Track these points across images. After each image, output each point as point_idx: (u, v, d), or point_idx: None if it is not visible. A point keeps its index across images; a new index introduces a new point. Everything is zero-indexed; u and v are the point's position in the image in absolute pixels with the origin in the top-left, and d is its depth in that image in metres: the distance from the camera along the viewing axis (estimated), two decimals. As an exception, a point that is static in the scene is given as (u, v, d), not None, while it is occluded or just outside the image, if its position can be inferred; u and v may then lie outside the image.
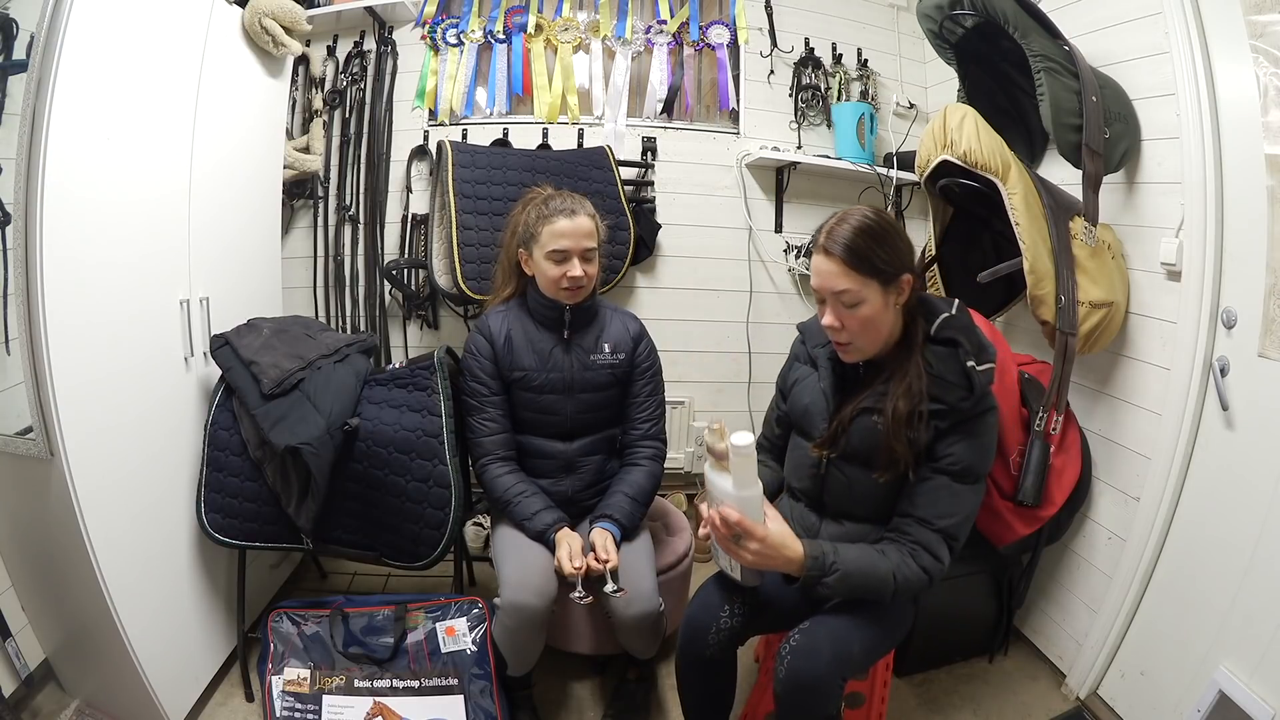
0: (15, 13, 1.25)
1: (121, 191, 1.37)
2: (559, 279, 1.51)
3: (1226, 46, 1.43)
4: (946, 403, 1.17)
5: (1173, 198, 1.55)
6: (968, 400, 1.16)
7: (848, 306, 1.17)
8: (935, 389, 1.17)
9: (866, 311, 1.16)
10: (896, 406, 1.17)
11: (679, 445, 2.51)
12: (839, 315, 1.19)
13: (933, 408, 1.17)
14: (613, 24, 2.45)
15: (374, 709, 1.54)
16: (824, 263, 1.18)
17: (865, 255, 1.15)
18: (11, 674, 1.43)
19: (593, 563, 1.42)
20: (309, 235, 2.44)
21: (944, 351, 1.20)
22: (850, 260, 1.15)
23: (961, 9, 1.69)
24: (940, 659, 1.87)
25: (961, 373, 1.17)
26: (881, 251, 1.15)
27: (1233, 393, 1.43)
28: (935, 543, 1.17)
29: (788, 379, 1.43)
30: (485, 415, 1.59)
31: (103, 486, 1.33)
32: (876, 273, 1.15)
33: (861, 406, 1.23)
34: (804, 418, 1.34)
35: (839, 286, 1.16)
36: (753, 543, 1.12)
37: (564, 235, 1.50)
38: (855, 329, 1.19)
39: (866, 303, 1.16)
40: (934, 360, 1.19)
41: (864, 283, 1.15)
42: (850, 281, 1.16)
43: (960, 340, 1.19)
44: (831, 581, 1.13)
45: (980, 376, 1.16)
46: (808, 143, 2.51)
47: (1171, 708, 1.49)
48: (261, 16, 1.76)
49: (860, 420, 1.23)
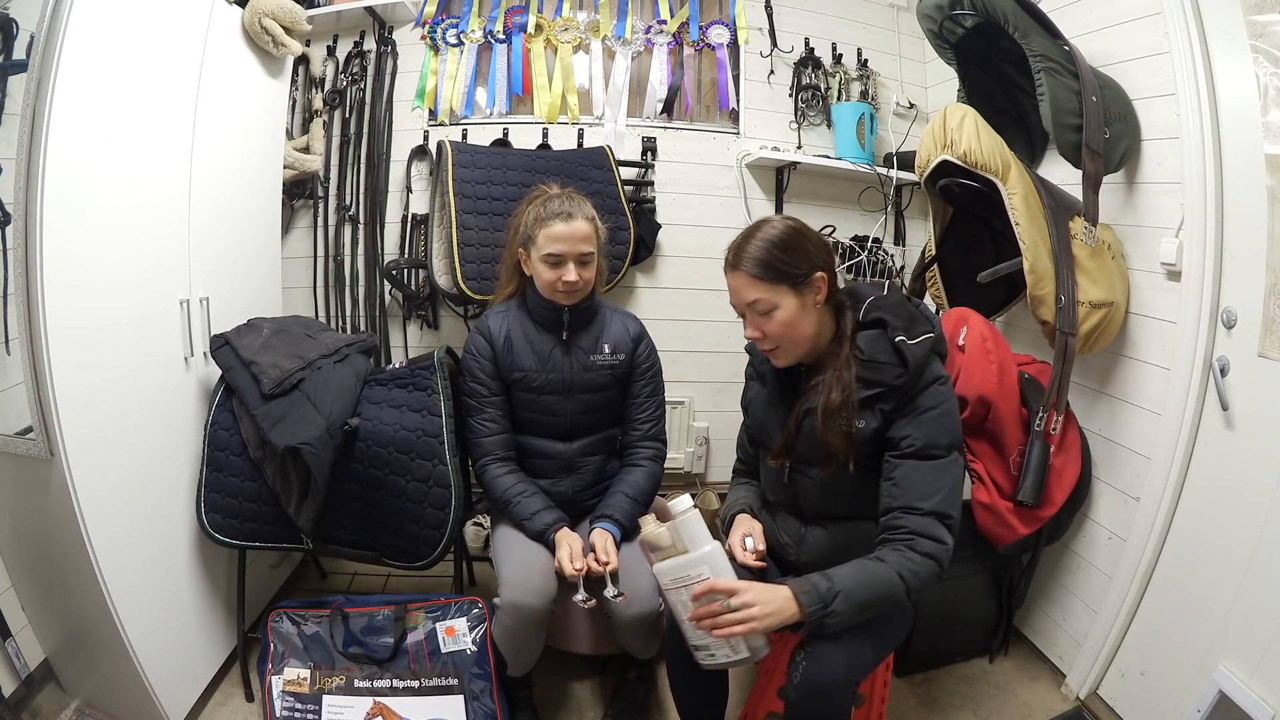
0: (15, 13, 1.25)
1: (121, 191, 1.37)
2: (553, 282, 1.51)
3: (1226, 46, 1.43)
4: (883, 383, 1.17)
5: (1173, 198, 1.55)
6: (903, 376, 1.16)
7: (763, 315, 1.20)
8: (868, 373, 1.18)
9: (783, 316, 1.19)
10: (829, 399, 1.18)
11: (679, 445, 2.51)
12: (757, 325, 1.22)
13: (871, 393, 1.17)
14: (613, 24, 2.45)
15: (374, 709, 1.54)
16: (732, 278, 1.23)
17: (770, 264, 1.18)
18: (11, 674, 1.43)
19: (593, 564, 1.42)
20: (309, 235, 2.44)
21: (872, 334, 1.21)
22: (755, 271, 1.19)
23: (961, 9, 1.69)
24: (940, 659, 1.87)
25: (891, 350, 1.17)
26: (786, 257, 1.18)
27: (1233, 393, 1.43)
28: (929, 525, 1.13)
29: (746, 398, 1.45)
30: (485, 416, 1.59)
31: (103, 486, 1.33)
32: (784, 277, 1.18)
33: (805, 409, 1.24)
34: (762, 432, 1.37)
35: (750, 297, 1.20)
36: (743, 597, 1.07)
37: (558, 240, 1.48)
38: (776, 334, 1.21)
39: (781, 308, 1.19)
40: (864, 345, 1.20)
41: (773, 289, 1.19)
42: (759, 291, 1.19)
43: (886, 319, 1.20)
44: (839, 608, 1.07)
45: (913, 349, 1.16)
46: (808, 143, 2.51)
47: (1171, 708, 1.49)
48: (261, 16, 1.76)
49: (806, 422, 1.24)
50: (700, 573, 1.12)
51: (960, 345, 1.66)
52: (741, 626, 1.06)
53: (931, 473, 1.15)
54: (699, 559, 1.12)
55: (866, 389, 1.17)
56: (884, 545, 1.15)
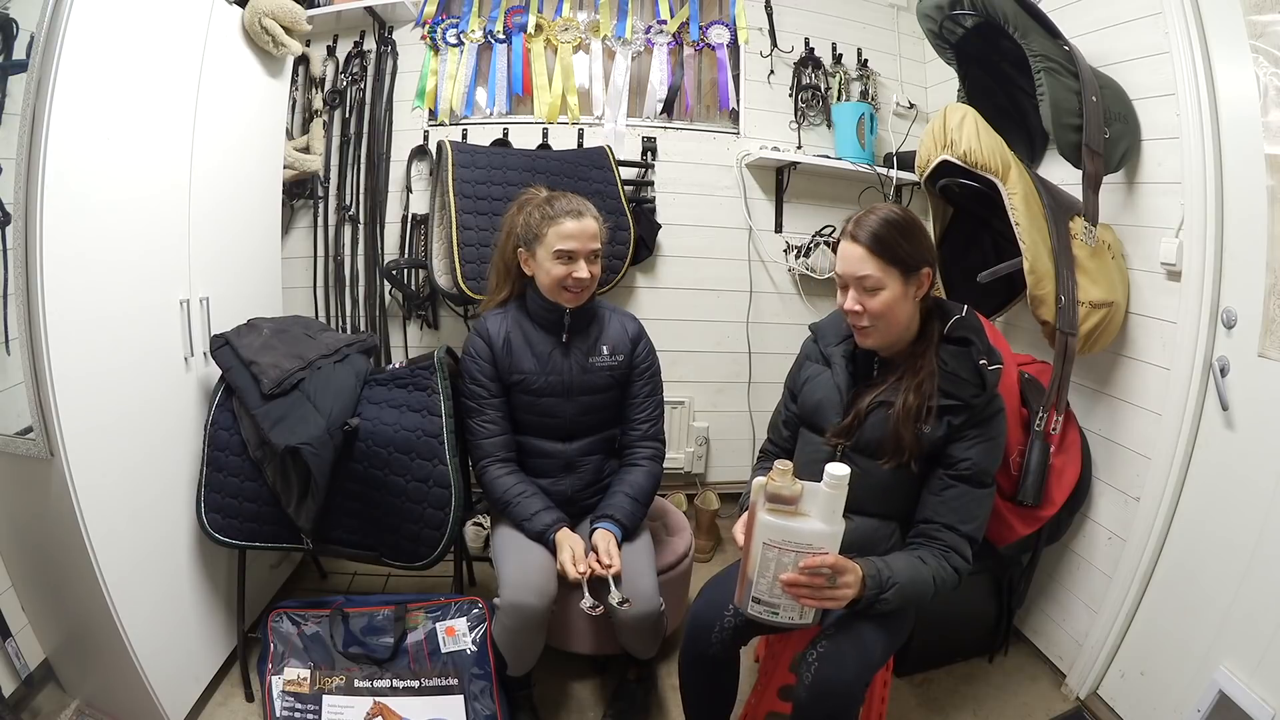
0: (15, 13, 1.25)
1: (122, 191, 1.37)
2: (563, 278, 1.50)
3: (1226, 46, 1.43)
4: (960, 398, 1.21)
5: (1173, 198, 1.55)
6: (981, 396, 1.21)
7: (868, 291, 1.22)
8: (949, 385, 1.22)
9: (886, 298, 1.21)
10: (908, 399, 1.22)
11: (679, 445, 2.51)
12: (861, 299, 1.24)
13: (946, 403, 1.22)
14: (613, 24, 2.45)
15: (374, 709, 1.54)
16: (850, 248, 1.24)
17: (889, 244, 1.21)
18: (11, 674, 1.43)
19: (596, 566, 1.42)
20: (309, 235, 2.43)
21: (957, 350, 1.25)
22: (875, 247, 1.21)
23: (961, 9, 1.69)
24: (940, 659, 1.87)
25: (975, 370, 1.22)
26: (905, 243, 1.21)
27: (1233, 393, 1.43)
28: (963, 545, 1.23)
29: (798, 379, 1.45)
30: (485, 417, 1.59)
31: (103, 486, 1.32)
32: (898, 261, 1.21)
33: (878, 400, 1.27)
34: (815, 413, 1.37)
35: (862, 271, 1.22)
36: (846, 576, 1.11)
37: (571, 236, 1.49)
38: (876, 312, 1.23)
39: (887, 289, 1.21)
40: (948, 358, 1.24)
41: (886, 270, 1.21)
42: (873, 267, 1.21)
43: (973, 340, 1.24)
44: (891, 596, 1.14)
45: (991, 375, 1.22)
46: (808, 143, 2.51)
47: (1171, 708, 1.49)
48: (261, 16, 1.76)
49: (876, 413, 1.27)
50: (822, 546, 1.08)
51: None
52: (833, 602, 1.11)
53: (977, 501, 1.24)
54: (829, 534, 1.07)
55: (944, 398, 1.22)
56: (923, 547, 1.23)
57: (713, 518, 2.43)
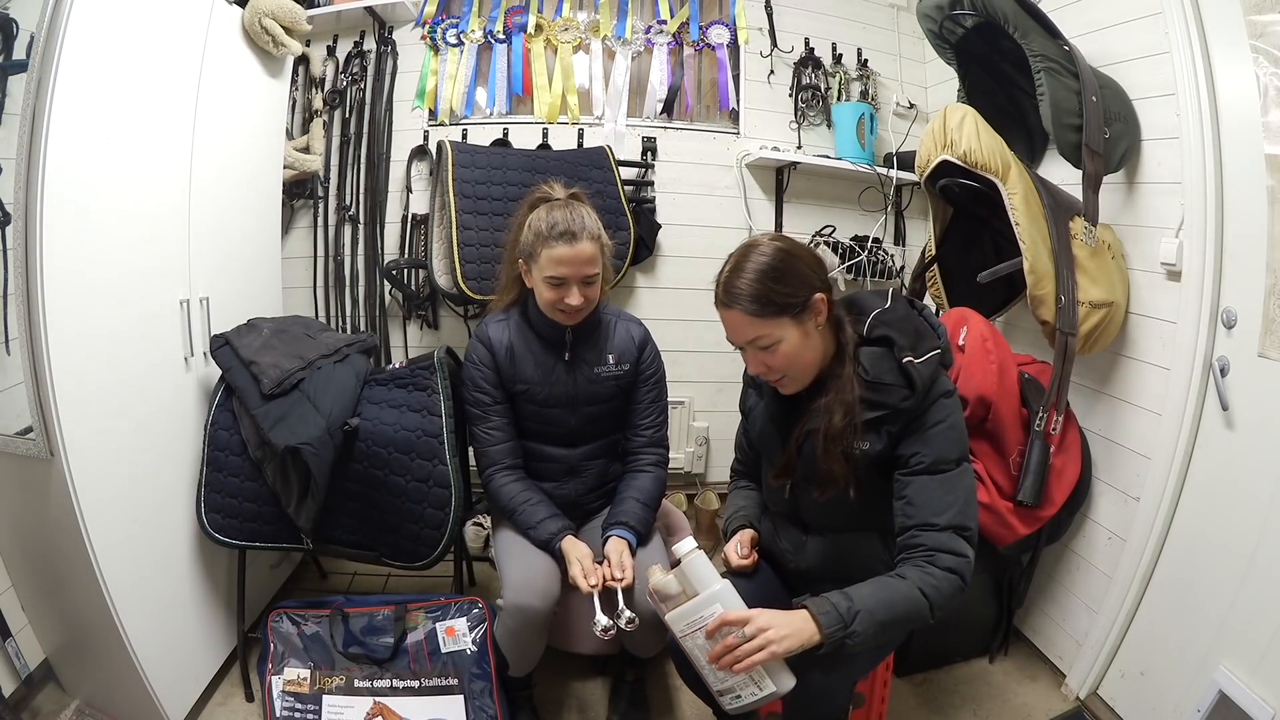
0: (15, 13, 1.25)
1: (122, 191, 1.37)
2: (555, 303, 1.45)
3: (1226, 46, 1.43)
4: (889, 406, 1.11)
5: (1173, 198, 1.55)
6: (910, 399, 1.11)
7: (766, 350, 1.13)
8: (874, 394, 1.12)
9: (786, 349, 1.12)
10: (831, 422, 1.12)
11: (679, 445, 2.51)
12: (760, 360, 1.15)
13: (876, 415, 1.12)
14: (613, 24, 2.45)
15: (374, 709, 1.54)
16: (728, 315, 1.15)
17: (766, 297, 1.10)
18: (11, 674, 1.43)
19: (609, 578, 1.39)
20: (309, 235, 2.44)
21: (877, 352, 1.15)
22: (753, 308, 1.10)
23: (961, 9, 1.69)
24: (940, 659, 1.87)
25: (898, 371, 1.12)
26: (781, 287, 1.10)
27: (1233, 393, 1.43)
28: (948, 540, 1.09)
29: (745, 404, 1.41)
30: (490, 424, 1.56)
31: (103, 486, 1.33)
32: (784, 309, 1.11)
33: (806, 429, 1.19)
34: (761, 444, 1.33)
35: (749, 335, 1.13)
36: (756, 623, 1.02)
37: (562, 263, 1.40)
38: (782, 366, 1.14)
39: (784, 340, 1.12)
40: (868, 364, 1.14)
41: (774, 323, 1.11)
42: (760, 327, 1.11)
43: (892, 337, 1.14)
44: (859, 628, 1.02)
45: (920, 369, 1.10)
46: (808, 143, 2.51)
47: (1171, 708, 1.49)
48: (261, 16, 1.76)
49: (807, 444, 1.19)
50: (712, 611, 1.08)
51: (960, 345, 1.66)
52: (761, 654, 1.00)
53: (943, 487, 1.11)
54: (709, 598, 1.08)
55: (870, 410, 1.12)
56: (903, 563, 1.10)
57: (713, 518, 2.43)
